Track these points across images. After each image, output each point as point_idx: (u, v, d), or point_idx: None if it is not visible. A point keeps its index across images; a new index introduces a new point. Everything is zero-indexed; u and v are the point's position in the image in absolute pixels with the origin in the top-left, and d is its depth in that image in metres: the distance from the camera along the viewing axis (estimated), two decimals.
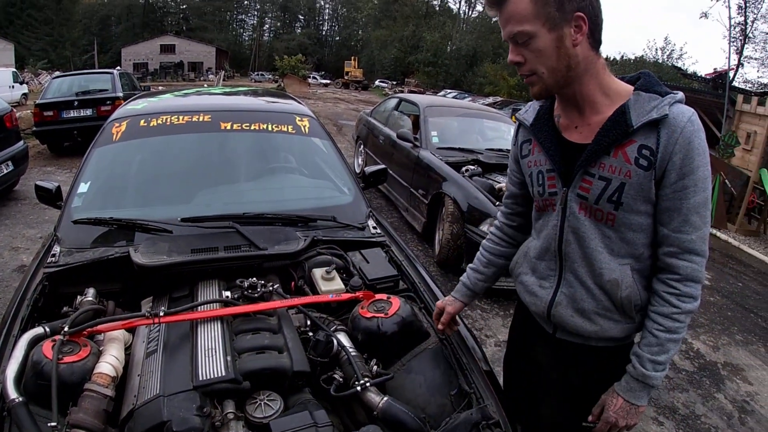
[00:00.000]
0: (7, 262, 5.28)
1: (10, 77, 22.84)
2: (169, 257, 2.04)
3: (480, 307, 4.67)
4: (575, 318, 1.59)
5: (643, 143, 1.38)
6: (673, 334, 1.45)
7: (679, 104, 1.38)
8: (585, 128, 1.49)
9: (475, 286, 1.94)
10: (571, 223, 1.53)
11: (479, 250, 1.97)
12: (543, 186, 1.59)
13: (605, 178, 1.43)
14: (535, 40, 1.38)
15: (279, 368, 1.62)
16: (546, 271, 1.66)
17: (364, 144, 8.57)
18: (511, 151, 1.81)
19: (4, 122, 7.07)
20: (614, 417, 1.52)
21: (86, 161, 2.84)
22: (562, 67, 1.40)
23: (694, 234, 1.40)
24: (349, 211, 2.70)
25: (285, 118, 3.23)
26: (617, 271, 1.50)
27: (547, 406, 1.78)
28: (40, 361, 1.52)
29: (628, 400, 1.50)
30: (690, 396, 3.60)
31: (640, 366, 1.47)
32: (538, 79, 1.44)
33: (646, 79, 1.46)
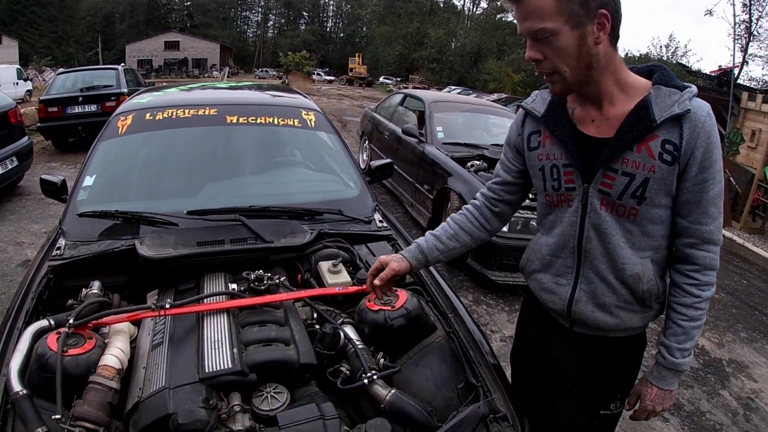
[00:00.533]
0: (11, 256, 5.29)
1: (14, 74, 22.91)
2: (175, 250, 2.03)
3: (485, 303, 4.66)
4: (596, 313, 1.58)
5: (666, 138, 1.37)
6: (697, 321, 1.49)
7: (697, 99, 1.37)
8: (603, 122, 1.46)
9: (430, 253, 1.76)
10: (592, 220, 1.50)
11: (447, 221, 1.83)
12: (559, 181, 1.55)
13: (629, 173, 1.41)
14: (557, 37, 1.33)
15: (285, 361, 1.62)
16: (562, 268, 1.63)
17: (369, 139, 8.56)
18: (510, 138, 1.75)
19: (8, 118, 7.08)
20: (651, 405, 1.59)
21: (91, 154, 2.83)
22: (584, 65, 1.37)
23: (712, 225, 1.43)
24: (356, 204, 2.69)
25: (291, 112, 3.22)
26: (639, 265, 1.50)
27: (566, 398, 1.76)
28: (45, 354, 1.52)
29: (662, 387, 1.56)
30: (695, 393, 3.58)
31: (670, 356, 1.52)
32: (559, 78, 1.41)
33: (663, 73, 1.44)
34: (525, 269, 1.81)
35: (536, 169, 1.63)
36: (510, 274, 4.60)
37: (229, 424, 1.47)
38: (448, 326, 1.92)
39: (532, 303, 1.79)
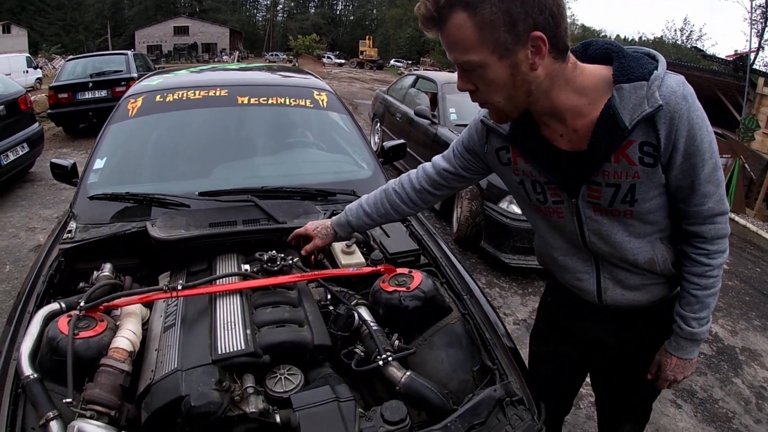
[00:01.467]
0: (23, 242, 5.33)
1: (23, 62, 23.05)
2: (187, 231, 2.01)
3: (498, 285, 4.63)
4: (627, 294, 1.57)
5: (643, 140, 1.25)
6: (710, 289, 1.46)
7: (667, 82, 1.22)
8: (572, 135, 1.34)
9: (360, 228, 1.89)
10: (591, 227, 1.46)
11: (384, 192, 1.85)
12: (543, 195, 1.50)
13: (613, 184, 1.34)
14: (485, 70, 1.21)
15: (299, 342, 1.59)
16: (579, 264, 1.60)
17: (380, 122, 8.50)
18: (470, 144, 1.64)
19: (18, 105, 7.12)
20: (672, 374, 1.60)
21: (102, 137, 2.82)
22: (521, 93, 1.25)
23: (711, 201, 1.35)
24: (369, 185, 2.63)
25: (303, 93, 3.18)
26: (649, 249, 1.46)
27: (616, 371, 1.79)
28: (56, 337, 1.50)
29: (681, 357, 1.56)
30: (708, 380, 3.55)
31: (686, 326, 1.50)
32: (494, 108, 1.32)
33: (621, 63, 1.26)
34: (543, 266, 1.79)
35: (515, 183, 1.56)
36: (523, 257, 4.55)
37: (242, 406, 1.45)
38: (464, 308, 1.89)
39: (559, 286, 1.75)
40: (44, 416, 1.33)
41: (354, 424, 1.34)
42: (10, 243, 5.32)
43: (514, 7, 1.13)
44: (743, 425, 3.13)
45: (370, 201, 1.84)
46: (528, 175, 1.49)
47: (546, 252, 1.69)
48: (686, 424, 3.08)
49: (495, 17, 1.14)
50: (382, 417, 1.39)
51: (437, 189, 1.77)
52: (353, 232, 1.87)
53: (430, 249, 2.25)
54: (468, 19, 1.16)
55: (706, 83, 4.69)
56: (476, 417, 1.44)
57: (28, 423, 1.38)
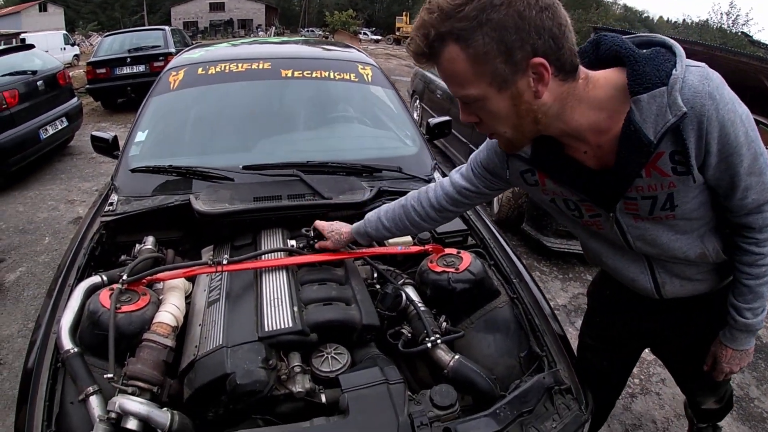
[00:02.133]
0: (63, 214, 5.42)
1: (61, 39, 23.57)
2: (231, 205, 1.98)
3: (539, 269, 4.53)
4: (686, 286, 1.51)
5: (673, 150, 1.16)
6: (763, 278, 1.39)
7: (688, 82, 1.09)
8: (597, 151, 1.25)
9: (378, 239, 1.86)
10: (634, 233, 1.39)
11: (404, 208, 1.75)
12: (579, 211, 1.43)
13: (649, 197, 1.26)
14: (485, 102, 1.14)
15: (348, 321, 1.56)
16: (630, 265, 1.52)
17: (420, 99, 8.38)
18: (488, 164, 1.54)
19: (57, 80, 7.25)
20: (728, 366, 1.56)
21: (143, 110, 2.81)
22: (528, 122, 1.17)
23: (755, 194, 1.25)
24: (414, 162, 2.59)
25: (347, 66, 3.12)
26: (698, 244, 1.39)
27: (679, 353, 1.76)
28: (97, 311, 1.48)
29: (736, 348, 1.51)
30: (745, 377, 3.42)
31: (740, 317, 1.45)
32: (503, 139, 1.24)
33: (635, 70, 1.13)
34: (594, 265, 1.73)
35: (546, 201, 1.49)
36: (565, 241, 4.43)
37: (288, 385, 1.43)
38: (512, 292, 1.84)
39: (613, 279, 1.66)
40: (84, 391, 1.32)
41: (403, 407, 1.31)
42: (49, 215, 5.41)
43: (508, 36, 1.04)
44: None
45: (388, 215, 1.77)
46: (559, 195, 1.42)
47: (594, 256, 1.62)
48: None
49: (489, 48, 1.06)
50: (432, 401, 1.36)
51: (457, 206, 1.70)
52: (371, 242, 1.84)
53: (478, 230, 2.19)
54: (461, 52, 1.08)
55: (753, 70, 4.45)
56: (525, 404, 1.41)
57: (67, 398, 1.37)
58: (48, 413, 1.33)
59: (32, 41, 9.89)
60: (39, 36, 21.56)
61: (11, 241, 4.83)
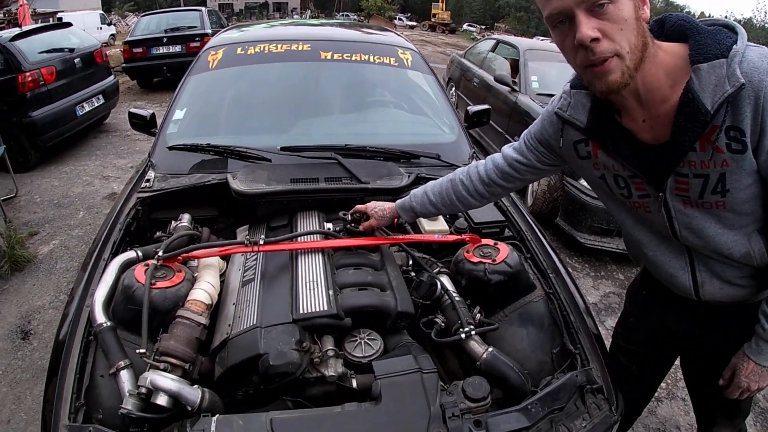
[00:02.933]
0: (97, 189, 5.51)
1: (98, 19, 23.99)
2: (268, 185, 1.98)
3: (571, 266, 4.47)
4: (725, 289, 1.43)
5: (729, 124, 1.14)
6: None
7: (748, 57, 1.10)
8: (655, 122, 1.24)
9: (422, 214, 1.81)
10: (681, 221, 1.34)
11: (449, 183, 1.74)
12: (628, 189, 1.39)
13: (701, 174, 1.22)
14: (618, 4, 1.08)
15: (383, 307, 1.54)
16: (672, 259, 1.47)
17: (456, 86, 8.33)
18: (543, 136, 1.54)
19: (94, 57, 7.38)
20: (746, 382, 1.44)
21: (182, 88, 2.83)
22: (641, 44, 1.13)
23: None
24: (453, 150, 2.55)
25: (387, 50, 3.09)
26: (745, 242, 1.32)
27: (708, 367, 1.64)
28: (132, 286, 1.49)
29: (759, 363, 1.40)
30: None
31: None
32: (618, 63, 1.13)
33: (697, 40, 1.15)
34: (635, 260, 1.69)
35: (595, 178, 1.47)
36: (599, 238, 4.37)
37: (320, 369, 1.42)
38: (548, 286, 1.80)
39: (655, 281, 1.62)
40: (116, 365, 1.32)
41: (436, 397, 1.30)
42: (84, 190, 5.51)
43: None
44: None
45: (435, 190, 1.76)
46: (610, 169, 1.39)
47: (637, 247, 1.57)
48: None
49: None
50: (464, 392, 1.34)
51: (508, 181, 1.67)
52: (416, 218, 1.82)
53: (515, 221, 2.15)
54: None
55: None
56: (557, 402, 1.39)
57: (97, 371, 1.38)
58: (78, 385, 1.34)
59: (69, 20, 10.03)
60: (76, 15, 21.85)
61: (46, 215, 4.93)
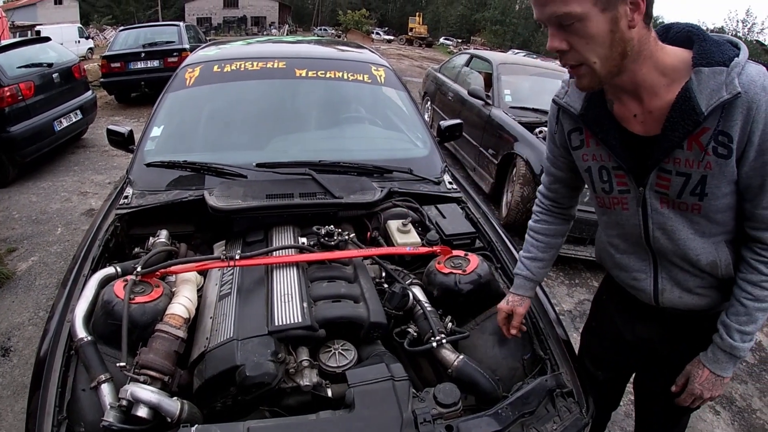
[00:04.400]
0: (75, 206, 5.48)
1: (76, 32, 23.79)
2: (244, 201, 2.02)
3: None
4: (684, 297, 1.48)
5: (718, 129, 1.19)
6: (762, 303, 1.35)
7: (747, 70, 1.16)
8: (647, 117, 1.30)
9: (538, 275, 1.74)
10: (656, 220, 1.39)
11: (529, 234, 1.77)
12: (609, 183, 1.44)
13: (683, 173, 1.27)
14: (585, 23, 1.14)
15: (356, 318, 1.59)
16: (637, 264, 1.53)
17: (431, 100, 8.41)
18: (550, 133, 1.60)
19: (72, 73, 7.32)
20: (699, 389, 1.47)
21: (159, 106, 2.86)
22: (617, 54, 1.18)
23: None
24: (425, 164, 2.62)
25: (361, 67, 3.15)
26: (713, 251, 1.38)
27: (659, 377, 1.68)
28: (111, 301, 1.52)
29: (714, 371, 1.44)
30: (748, 388, 3.42)
31: (728, 337, 1.39)
32: (588, 71, 1.22)
33: (702, 46, 1.21)
34: (601, 264, 1.74)
35: (582, 169, 1.51)
36: (573, 247, 4.45)
37: (296, 379, 1.46)
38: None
39: (615, 285, 1.68)
40: (96, 378, 1.35)
41: (407, 404, 1.33)
42: (62, 206, 5.47)
43: None
44: None
45: (525, 248, 1.78)
46: (596, 160, 1.43)
47: (604, 249, 1.64)
48: (722, 431, 3.00)
49: None
50: (435, 399, 1.38)
51: (560, 204, 1.71)
52: (535, 285, 1.76)
53: (486, 232, 2.22)
54: None
55: None
56: (527, 406, 1.43)
57: (79, 385, 1.41)
58: (60, 399, 1.37)
59: (47, 33, 9.99)
60: (54, 28, 21.73)
61: (24, 231, 4.89)
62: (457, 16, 64.63)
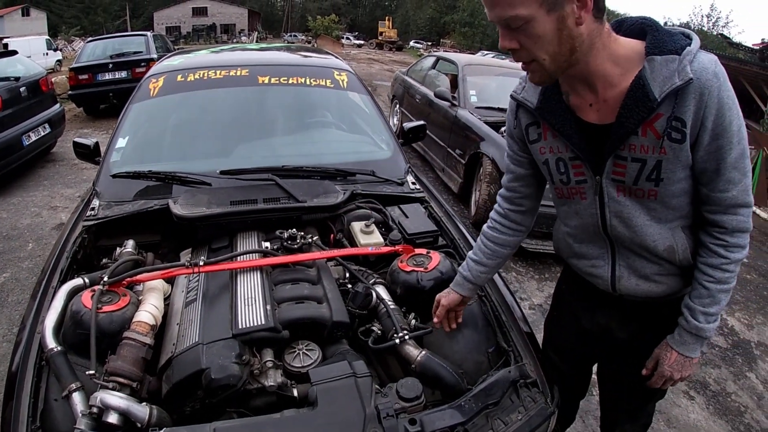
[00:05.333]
0: (46, 220, 5.42)
1: (43, 45, 23.37)
2: (208, 209, 2.04)
3: (515, 270, 4.62)
4: (641, 285, 1.52)
5: (672, 114, 1.24)
6: (724, 285, 1.40)
7: (699, 58, 1.21)
8: (601, 105, 1.34)
9: (477, 279, 1.73)
10: (613, 208, 1.43)
11: (481, 237, 1.78)
12: (567, 174, 1.47)
13: (639, 159, 1.31)
14: (532, 24, 1.18)
15: (318, 318, 1.62)
16: (595, 252, 1.57)
17: (399, 103, 8.47)
18: (510, 130, 1.61)
19: (39, 86, 7.22)
20: (669, 371, 1.51)
21: (124, 117, 2.86)
22: (566, 51, 1.23)
23: (735, 190, 1.31)
24: (388, 165, 2.67)
25: (323, 72, 3.19)
26: (670, 237, 1.43)
27: (622, 365, 1.74)
28: (79, 311, 1.54)
29: (682, 353, 1.47)
30: (722, 373, 3.51)
31: (693, 319, 1.43)
32: (538, 67, 1.27)
33: (655, 36, 1.27)
34: (559, 254, 1.77)
35: (540, 162, 1.54)
36: (541, 242, 4.53)
37: (261, 380, 1.48)
38: (481, 290, 1.89)
39: (573, 274, 1.73)
40: (67, 387, 1.37)
41: (370, 399, 1.36)
42: (32, 221, 5.40)
43: None
44: (755, 420, 3.10)
45: (474, 250, 1.78)
46: (554, 152, 1.47)
47: (563, 239, 1.68)
48: (698, 416, 3.06)
49: None
50: (398, 393, 1.41)
51: (519, 204, 1.71)
52: (475, 288, 1.76)
53: (448, 230, 2.26)
54: None
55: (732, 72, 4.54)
56: (490, 397, 1.46)
57: (51, 395, 1.42)
58: (33, 409, 1.38)
59: (15, 46, 9.84)
60: (22, 41, 21.40)
61: None
62: (426, 19, 64.86)
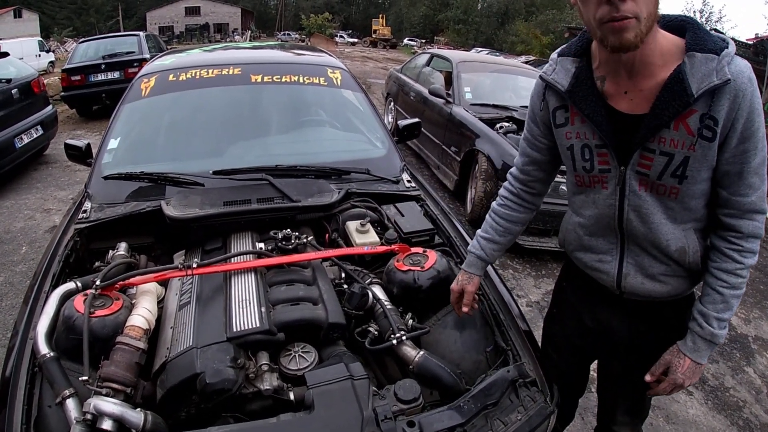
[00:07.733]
0: (39, 223, 5.37)
1: (36, 46, 23.23)
2: (201, 210, 2.01)
3: (512, 267, 4.61)
4: (647, 284, 1.52)
5: (706, 112, 1.25)
6: (737, 290, 1.40)
7: (736, 61, 1.23)
8: (636, 95, 1.34)
9: (491, 257, 1.76)
10: (632, 202, 1.43)
11: (490, 215, 1.79)
12: (591, 162, 1.46)
13: (667, 153, 1.31)
14: None
15: (314, 320, 1.60)
16: (605, 246, 1.56)
17: (394, 101, 8.46)
18: (533, 112, 1.61)
19: (31, 88, 7.16)
20: (681, 378, 1.49)
21: (115, 117, 2.82)
22: (654, 14, 1.21)
23: (755, 195, 1.33)
24: (383, 164, 2.64)
25: (316, 71, 3.17)
26: (682, 238, 1.43)
27: (622, 363, 1.73)
28: (72, 316, 1.52)
29: (695, 359, 1.46)
30: (720, 368, 3.51)
31: (708, 325, 1.42)
32: (637, 24, 1.20)
33: (696, 34, 1.28)
34: (564, 247, 1.76)
35: (564, 148, 1.53)
36: (538, 239, 4.53)
37: (257, 384, 1.46)
38: (478, 289, 1.87)
39: (576, 271, 1.72)
40: (61, 394, 1.34)
41: (368, 402, 1.34)
42: (26, 225, 5.36)
43: None
44: (753, 414, 3.10)
45: (484, 228, 1.79)
46: (580, 138, 1.46)
47: (572, 230, 1.66)
48: (696, 411, 3.06)
49: None
50: (396, 395, 1.40)
51: (530, 187, 1.73)
52: (486, 265, 1.79)
53: (444, 229, 2.24)
54: None
55: None
56: (489, 397, 1.44)
57: (45, 401, 1.40)
58: (26, 417, 1.36)
59: (7, 48, 9.70)
60: (14, 43, 21.23)
61: None
62: (420, 16, 64.78)
